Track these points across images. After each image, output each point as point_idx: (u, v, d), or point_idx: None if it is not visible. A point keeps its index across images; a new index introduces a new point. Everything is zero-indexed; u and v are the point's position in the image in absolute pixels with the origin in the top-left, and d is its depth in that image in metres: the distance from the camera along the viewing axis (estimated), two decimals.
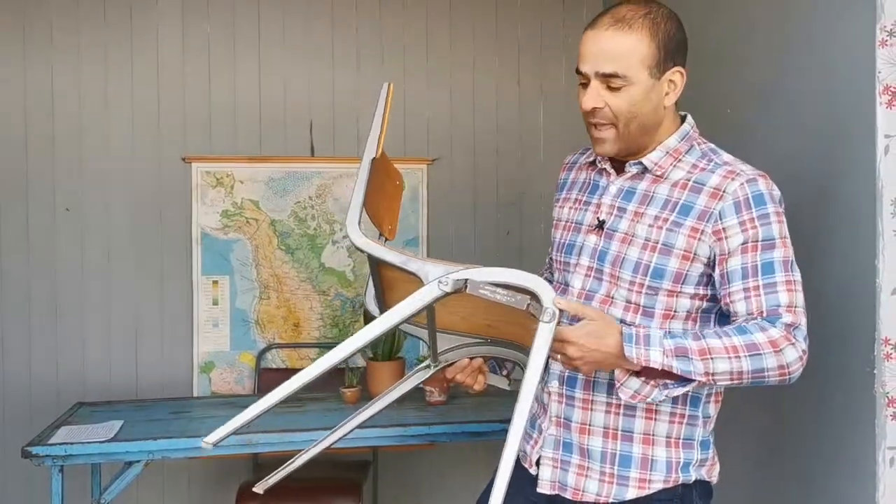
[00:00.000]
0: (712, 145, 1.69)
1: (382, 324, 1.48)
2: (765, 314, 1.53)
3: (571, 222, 1.76)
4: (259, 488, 1.75)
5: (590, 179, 1.77)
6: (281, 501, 3.14)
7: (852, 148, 1.92)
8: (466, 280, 1.46)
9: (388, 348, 3.19)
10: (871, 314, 1.84)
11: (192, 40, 3.71)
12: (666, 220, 1.60)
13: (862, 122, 1.88)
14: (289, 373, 3.71)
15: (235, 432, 1.45)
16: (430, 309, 1.57)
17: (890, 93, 1.83)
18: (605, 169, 1.73)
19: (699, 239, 1.57)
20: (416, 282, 1.50)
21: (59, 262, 3.63)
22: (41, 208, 3.61)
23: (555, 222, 1.83)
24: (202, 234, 3.73)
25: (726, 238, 1.56)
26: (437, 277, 1.47)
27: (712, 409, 1.69)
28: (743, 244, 1.55)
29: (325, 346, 3.81)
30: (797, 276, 1.57)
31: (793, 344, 1.51)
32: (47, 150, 3.62)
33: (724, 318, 1.64)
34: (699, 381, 1.50)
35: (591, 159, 1.78)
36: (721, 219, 1.56)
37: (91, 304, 3.65)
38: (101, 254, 3.66)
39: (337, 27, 3.81)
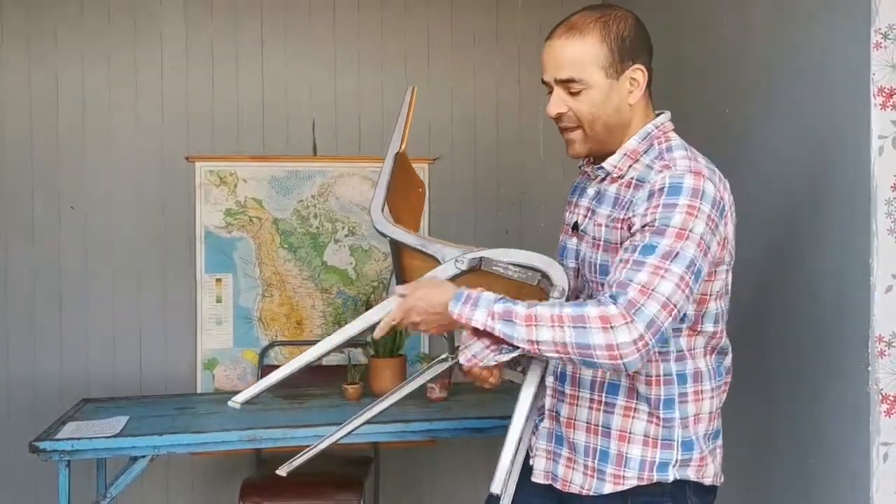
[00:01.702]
0: (673, 143, 1.66)
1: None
2: (614, 287, 1.48)
3: (566, 225, 1.82)
4: (283, 471, 1.78)
5: (580, 184, 1.83)
6: (283, 497, 3.18)
7: (847, 149, 1.95)
8: (481, 258, 1.57)
9: (389, 346, 3.22)
10: (866, 312, 1.88)
11: (196, 41, 3.74)
12: (610, 217, 1.64)
13: (857, 124, 1.91)
14: None
15: (260, 394, 1.62)
16: None
17: (884, 94, 1.86)
18: (587, 172, 1.78)
19: (621, 229, 1.60)
20: (433, 267, 1.61)
21: (64, 260, 3.66)
22: (46, 206, 3.65)
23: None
24: (205, 232, 3.76)
25: (632, 224, 1.56)
26: (453, 257, 1.56)
27: (692, 409, 1.65)
28: (641, 228, 1.53)
29: None
30: (676, 268, 1.46)
31: (628, 324, 1.42)
32: (52, 150, 3.65)
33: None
34: (524, 349, 1.49)
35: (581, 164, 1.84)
36: (635, 207, 1.57)
37: (95, 301, 3.68)
38: (106, 251, 3.69)
39: (339, 26, 3.84)
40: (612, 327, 1.42)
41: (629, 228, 1.56)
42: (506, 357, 1.51)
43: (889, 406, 1.86)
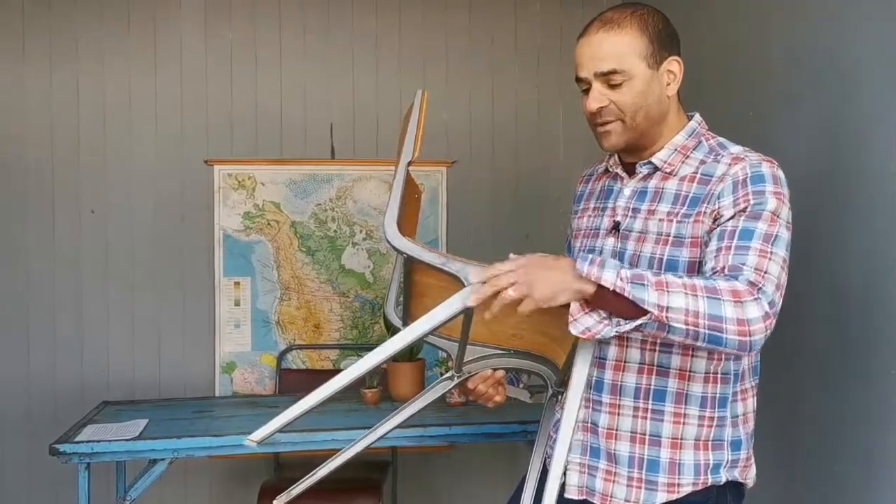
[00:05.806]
0: (722, 140, 1.68)
1: (428, 321, 1.46)
2: (726, 271, 1.45)
3: (590, 229, 1.77)
4: (280, 501, 1.75)
5: (605, 186, 1.79)
6: (302, 501, 3.16)
7: (873, 150, 1.93)
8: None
9: (408, 349, 3.21)
10: (893, 314, 1.85)
11: (215, 46, 3.76)
12: (677, 213, 1.61)
13: (882, 124, 1.89)
14: (309, 374, 3.75)
15: (279, 430, 1.47)
16: (467, 314, 1.52)
17: None
18: (617, 173, 1.75)
19: (701, 222, 1.57)
20: (451, 287, 1.46)
21: (84, 263, 3.68)
22: (67, 210, 3.67)
23: (574, 233, 1.85)
24: (224, 235, 3.77)
25: (721, 214, 1.54)
26: (480, 279, 1.44)
27: (740, 408, 1.65)
28: (732, 216, 1.53)
29: (345, 348, 3.84)
30: (779, 251, 1.48)
31: (756, 300, 1.40)
32: (73, 154, 3.67)
33: None
34: (653, 316, 1.37)
35: (605, 168, 1.81)
36: (719, 199, 1.56)
37: (115, 303, 3.70)
38: (126, 255, 3.71)
39: (357, 31, 3.84)
40: (742, 302, 1.39)
41: (714, 220, 1.55)
42: (625, 328, 1.39)
43: None
